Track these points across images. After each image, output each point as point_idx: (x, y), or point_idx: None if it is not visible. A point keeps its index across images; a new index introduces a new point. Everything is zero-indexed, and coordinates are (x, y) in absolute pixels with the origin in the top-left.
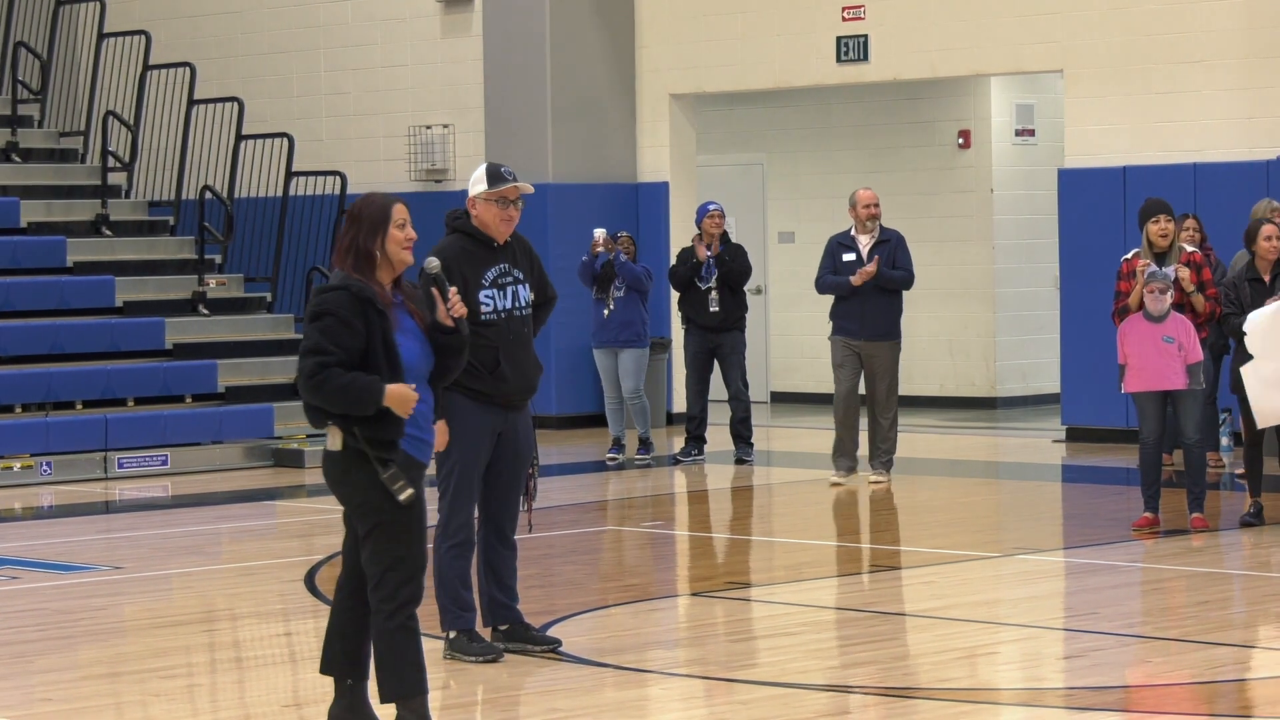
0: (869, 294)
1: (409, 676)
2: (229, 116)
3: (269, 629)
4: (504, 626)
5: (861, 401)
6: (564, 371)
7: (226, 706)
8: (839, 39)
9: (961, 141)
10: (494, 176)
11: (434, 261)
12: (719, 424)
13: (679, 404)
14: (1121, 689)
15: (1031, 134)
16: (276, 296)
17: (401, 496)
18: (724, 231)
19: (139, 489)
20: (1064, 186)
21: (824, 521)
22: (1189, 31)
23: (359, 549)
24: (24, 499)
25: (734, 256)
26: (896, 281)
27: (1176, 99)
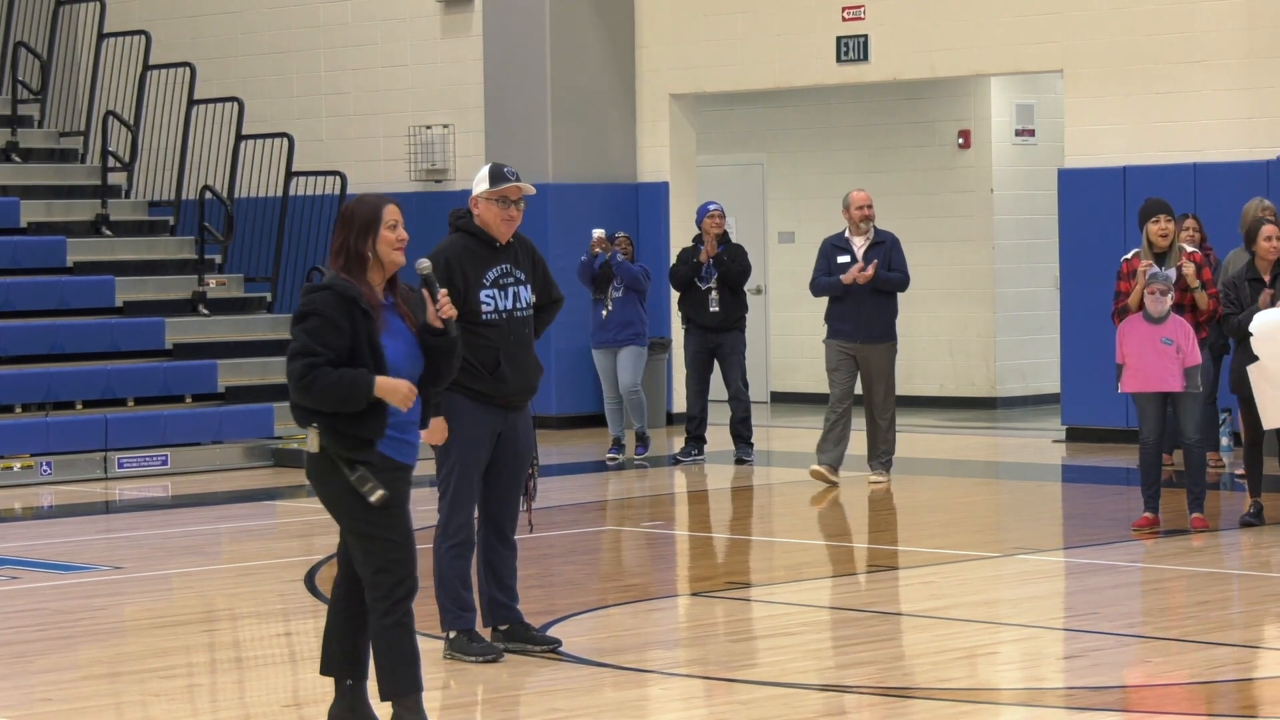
0: (865, 296)
1: (405, 674)
2: (229, 116)
3: (269, 629)
4: (504, 626)
5: (857, 401)
6: (564, 371)
7: (226, 706)
8: (839, 39)
9: (961, 141)
10: (496, 176)
11: (425, 263)
12: (719, 424)
13: (679, 404)
14: (1121, 689)
15: (1031, 134)
16: (276, 296)
17: (372, 498)
18: (724, 231)
19: (139, 489)
20: (1064, 186)
21: (824, 521)
22: (1189, 31)
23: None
24: (24, 499)
25: (734, 256)
26: (893, 283)
27: (1176, 99)
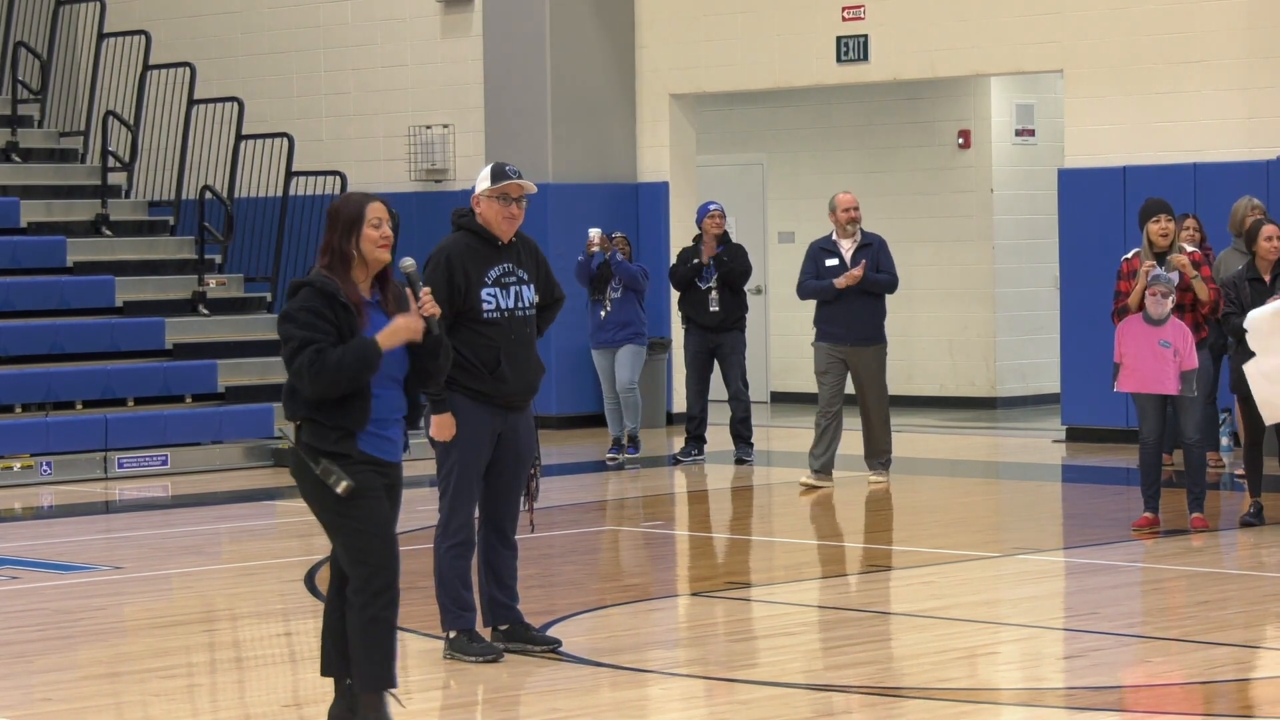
0: (854, 298)
1: (372, 670)
2: (229, 116)
3: (269, 629)
4: (504, 626)
5: (850, 400)
6: (564, 371)
7: (226, 706)
8: (839, 39)
9: (961, 141)
10: (497, 174)
11: (408, 261)
12: (719, 424)
13: (679, 404)
14: (1121, 689)
15: (1031, 134)
16: (276, 296)
17: (338, 489)
18: (724, 231)
19: (139, 489)
20: (1064, 186)
21: (824, 522)
22: (1189, 31)
23: None
24: (24, 499)
25: (734, 257)
26: (882, 285)
27: (1176, 99)
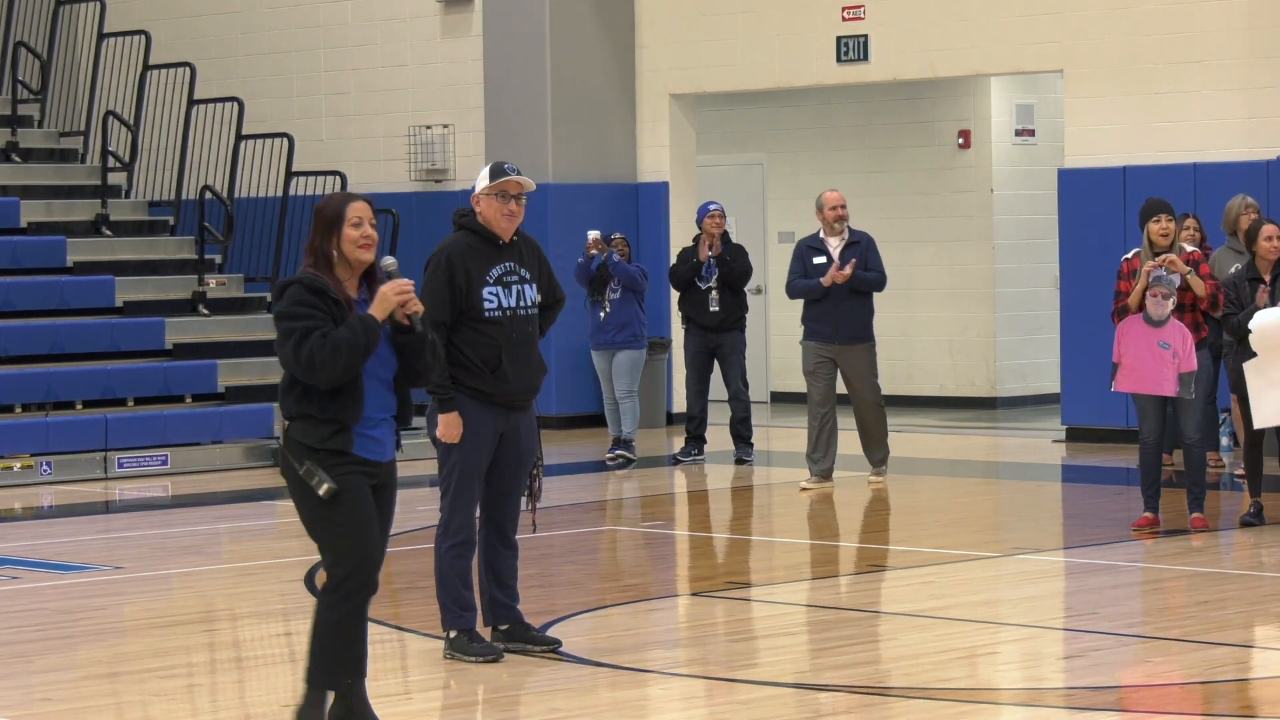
0: (842, 297)
1: (332, 669)
2: (229, 116)
3: (269, 629)
4: (504, 626)
5: (843, 400)
6: (564, 371)
7: (226, 706)
8: (839, 39)
9: (961, 141)
10: (495, 172)
11: (390, 260)
12: (719, 424)
13: (679, 404)
14: (1121, 689)
15: (1031, 134)
16: None
17: (320, 490)
18: (724, 231)
19: (139, 489)
20: (1064, 186)
21: (824, 522)
22: (1189, 31)
23: None
24: (24, 499)
25: (735, 257)
26: (870, 283)
27: (1176, 99)
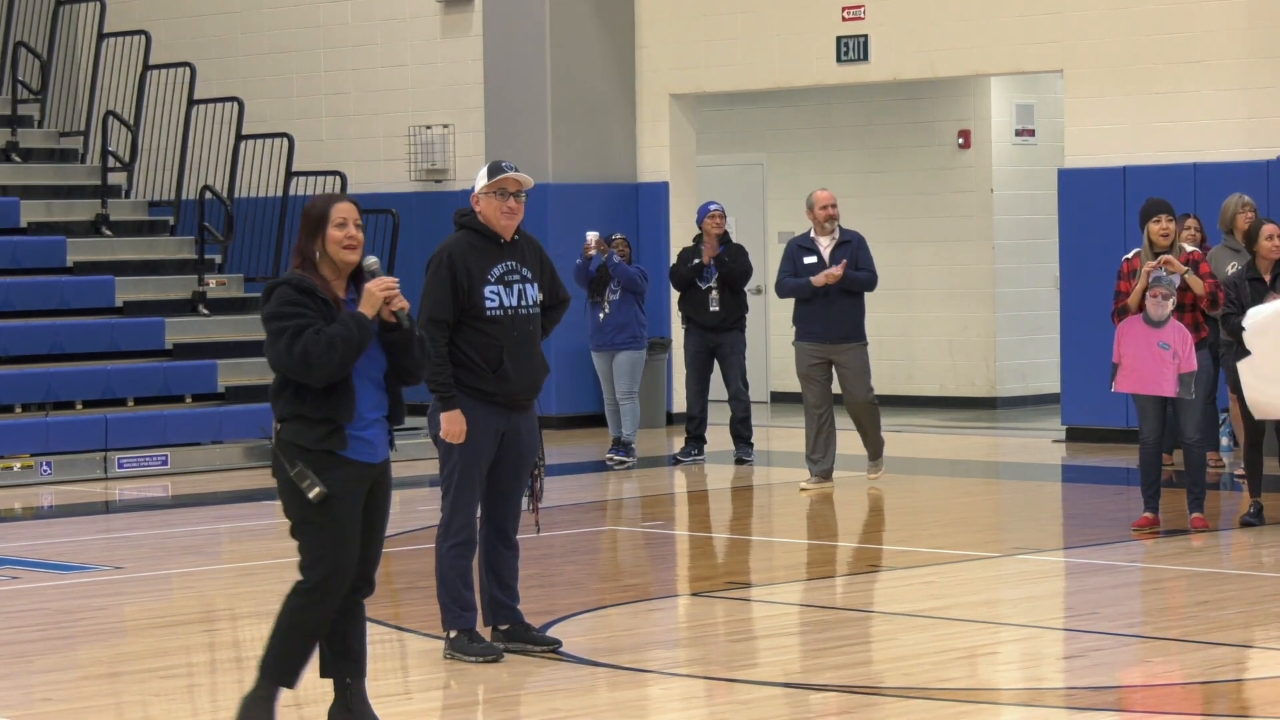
0: (834, 297)
1: (287, 666)
2: (229, 116)
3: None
4: (504, 626)
5: (838, 399)
6: (564, 371)
7: (226, 706)
8: (839, 39)
9: (961, 141)
10: (493, 170)
11: (372, 259)
12: (719, 424)
13: (679, 404)
14: (1121, 689)
15: (1031, 134)
16: None
17: (310, 494)
18: (724, 232)
19: (139, 489)
20: (1064, 186)
21: (824, 522)
22: (1189, 31)
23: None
24: (24, 499)
25: (735, 257)
26: (861, 283)
27: (1176, 99)
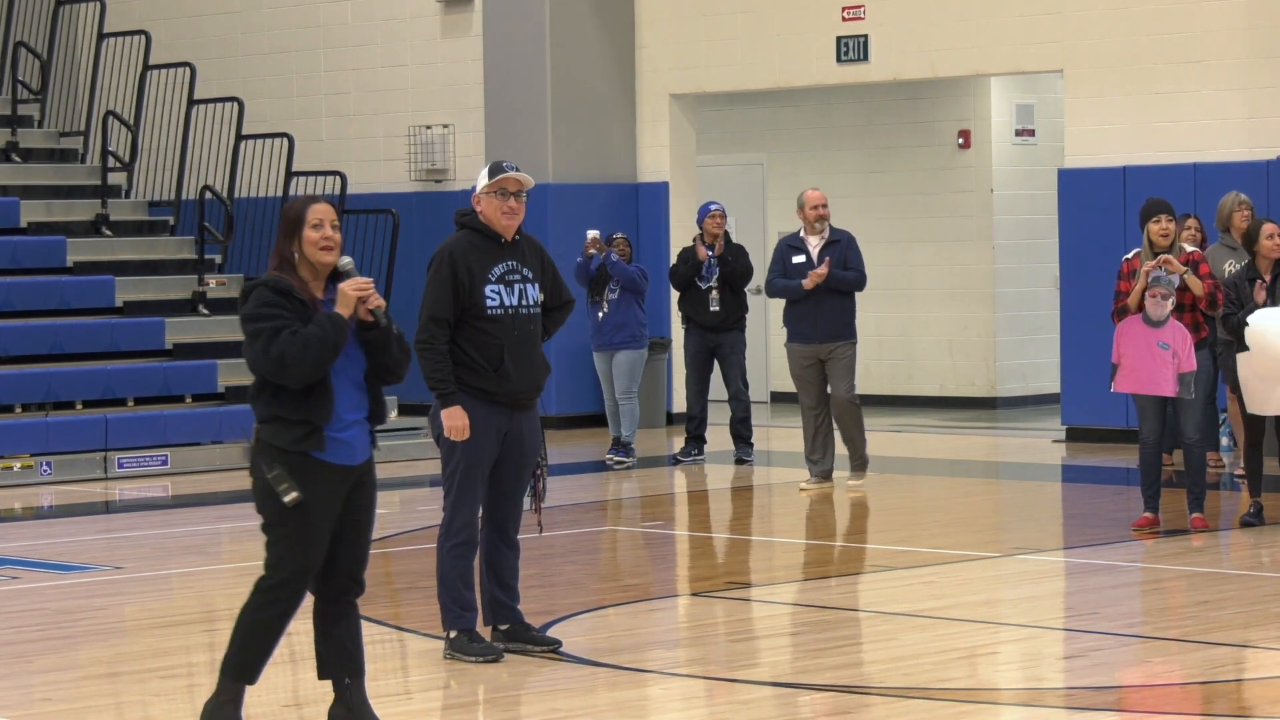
0: (822, 296)
1: (249, 662)
2: (229, 116)
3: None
4: (504, 626)
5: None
6: (564, 371)
7: None
8: (839, 39)
9: (961, 141)
10: (494, 170)
11: (346, 259)
12: (719, 424)
13: (679, 404)
14: (1121, 689)
15: (1031, 134)
16: None
17: (285, 498)
18: (725, 232)
19: (139, 489)
20: (1064, 186)
21: (824, 521)
22: (1189, 31)
23: (330, 548)
24: (24, 499)
25: (735, 257)
26: (849, 283)
27: (1176, 99)
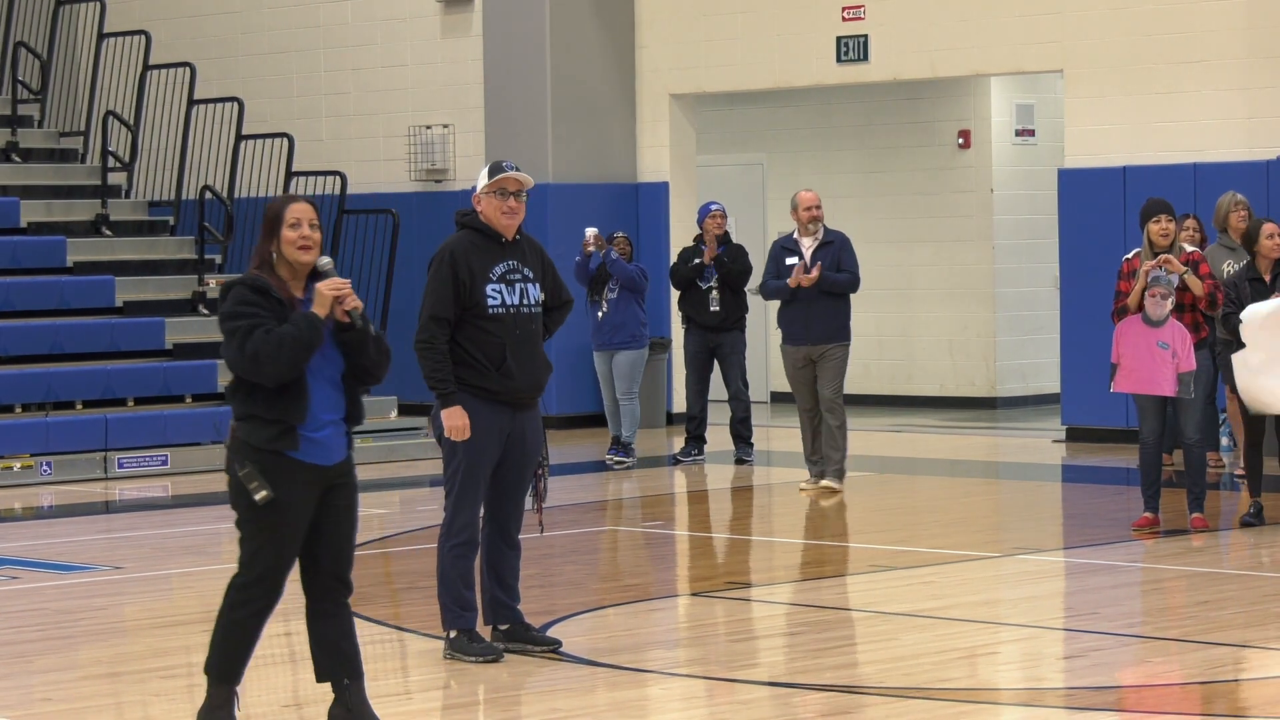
0: (815, 298)
1: (230, 662)
2: (229, 116)
3: (269, 629)
4: (504, 626)
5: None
6: (564, 371)
7: None
8: (839, 39)
9: (961, 141)
10: (494, 170)
11: (325, 259)
12: (719, 424)
13: (679, 404)
14: (1121, 689)
15: (1031, 134)
16: None
17: (255, 496)
18: (725, 232)
19: (139, 489)
20: (1064, 186)
21: (824, 521)
22: (1189, 31)
23: (310, 549)
24: (24, 499)
25: (735, 257)
26: (841, 285)
27: (1176, 99)
